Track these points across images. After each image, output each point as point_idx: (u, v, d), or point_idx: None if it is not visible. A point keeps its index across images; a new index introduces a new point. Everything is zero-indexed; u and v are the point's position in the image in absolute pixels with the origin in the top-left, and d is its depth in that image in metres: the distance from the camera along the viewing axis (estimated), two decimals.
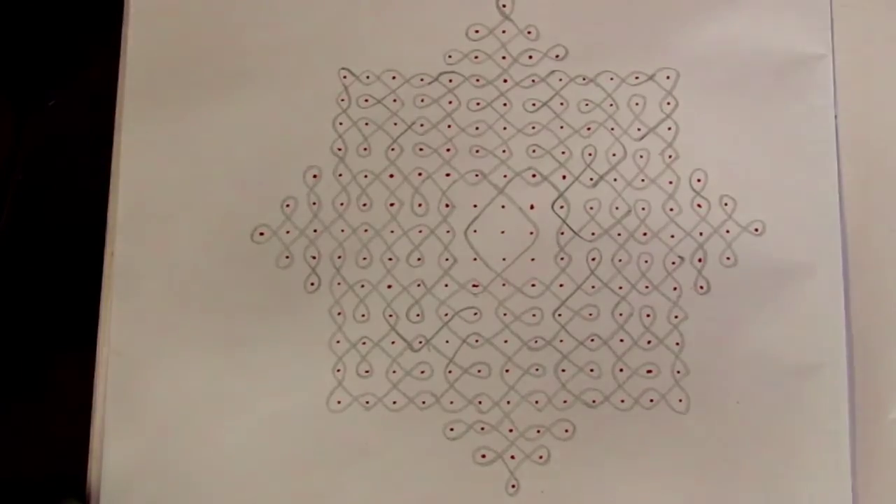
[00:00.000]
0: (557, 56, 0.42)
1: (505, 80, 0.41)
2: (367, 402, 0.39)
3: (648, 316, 0.40)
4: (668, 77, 0.41)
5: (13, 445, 0.40)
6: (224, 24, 0.41)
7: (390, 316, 0.40)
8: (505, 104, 0.41)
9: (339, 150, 0.41)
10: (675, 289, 0.40)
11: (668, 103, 0.41)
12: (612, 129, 0.41)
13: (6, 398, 0.40)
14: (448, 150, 0.41)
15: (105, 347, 0.40)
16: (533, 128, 0.41)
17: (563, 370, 0.40)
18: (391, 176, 0.41)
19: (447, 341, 0.40)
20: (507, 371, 0.40)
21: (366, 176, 0.41)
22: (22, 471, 0.40)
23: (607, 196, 0.41)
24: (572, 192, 0.41)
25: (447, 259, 0.40)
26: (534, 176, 0.41)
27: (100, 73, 0.41)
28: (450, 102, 0.41)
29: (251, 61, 0.41)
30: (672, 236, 0.40)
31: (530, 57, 0.42)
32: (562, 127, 0.41)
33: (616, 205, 0.41)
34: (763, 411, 0.39)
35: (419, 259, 0.40)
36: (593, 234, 0.40)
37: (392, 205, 0.40)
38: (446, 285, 0.40)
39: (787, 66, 0.41)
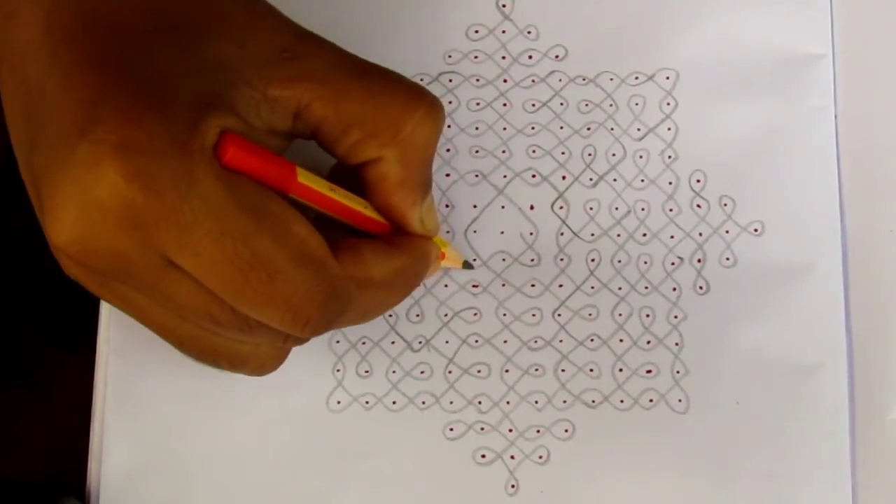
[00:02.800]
0: (557, 56, 0.42)
1: (505, 80, 0.41)
2: (367, 403, 0.39)
3: (648, 316, 0.40)
4: (667, 77, 0.41)
5: (12, 445, 0.40)
6: None
7: (390, 316, 0.40)
8: (505, 104, 0.41)
9: None
10: (674, 289, 0.40)
11: (668, 104, 0.41)
12: (612, 129, 0.41)
13: (5, 398, 0.40)
14: (448, 150, 0.41)
15: (105, 347, 0.40)
16: (533, 128, 0.41)
17: (563, 370, 0.40)
18: None
19: (447, 341, 0.40)
20: (506, 371, 0.40)
21: None
22: (21, 471, 0.40)
23: (607, 196, 0.41)
24: (572, 192, 0.41)
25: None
26: (533, 176, 0.41)
27: None
28: (449, 102, 0.41)
29: None
30: (672, 237, 0.40)
31: (530, 57, 0.42)
32: (561, 127, 0.41)
33: (616, 205, 0.41)
34: (763, 411, 0.39)
35: None
36: (593, 234, 0.40)
37: None
38: (446, 285, 0.40)
39: (787, 66, 0.41)
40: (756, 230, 0.40)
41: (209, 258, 0.29)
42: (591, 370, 0.40)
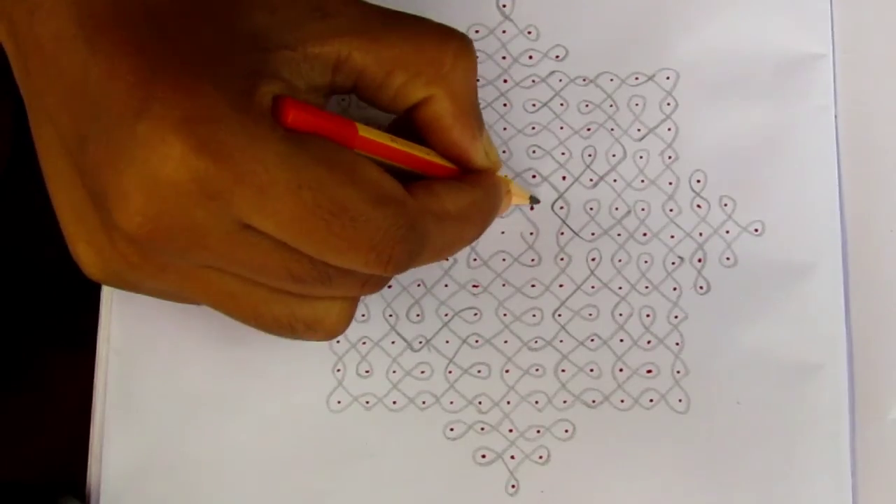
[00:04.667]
0: (557, 56, 0.42)
1: (505, 81, 0.42)
2: (368, 402, 0.39)
3: (648, 316, 0.40)
4: (668, 78, 0.41)
5: (12, 445, 0.40)
6: None
7: (390, 316, 0.40)
8: (505, 104, 0.41)
9: None
10: (674, 289, 0.40)
11: (668, 104, 0.41)
12: (612, 129, 0.41)
13: (5, 398, 0.40)
14: None
15: (105, 347, 0.40)
16: (533, 128, 0.41)
17: (563, 370, 0.40)
18: None
19: (447, 341, 0.40)
20: (507, 371, 0.40)
21: None
22: (21, 471, 0.40)
23: (607, 197, 0.41)
24: (572, 192, 0.41)
25: (447, 259, 0.40)
26: (534, 177, 0.41)
27: None
28: None
29: None
30: (672, 237, 0.40)
31: (530, 57, 0.42)
32: (562, 128, 0.41)
33: (616, 205, 0.41)
34: (763, 411, 0.39)
35: None
36: (593, 234, 0.41)
37: None
38: (446, 285, 0.40)
39: (787, 66, 0.41)
40: (756, 230, 0.40)
41: (289, 213, 0.29)
42: (592, 370, 0.40)
